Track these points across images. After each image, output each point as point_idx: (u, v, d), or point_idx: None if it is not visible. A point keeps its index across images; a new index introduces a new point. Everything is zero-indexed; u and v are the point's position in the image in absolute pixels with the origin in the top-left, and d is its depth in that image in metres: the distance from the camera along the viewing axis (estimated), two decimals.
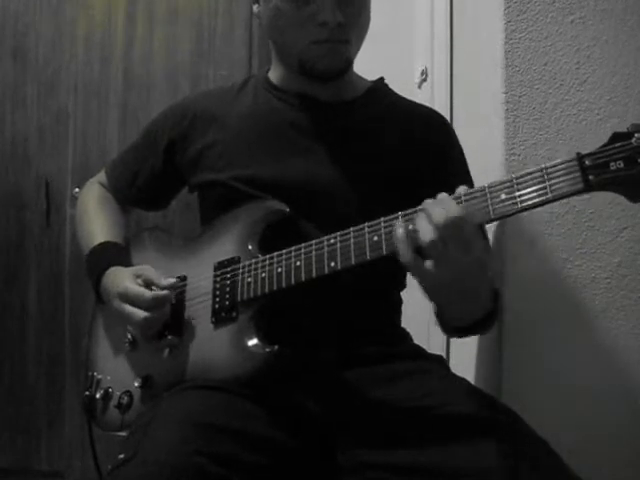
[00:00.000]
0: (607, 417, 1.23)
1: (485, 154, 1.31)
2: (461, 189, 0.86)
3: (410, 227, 0.86)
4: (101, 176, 1.35)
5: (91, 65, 2.24)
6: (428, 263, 0.84)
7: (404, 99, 1.24)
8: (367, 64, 1.26)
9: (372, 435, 0.96)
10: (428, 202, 0.86)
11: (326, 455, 0.98)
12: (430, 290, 0.90)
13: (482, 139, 1.34)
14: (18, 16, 2.29)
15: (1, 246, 2.28)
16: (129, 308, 1.06)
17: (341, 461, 0.96)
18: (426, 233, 0.84)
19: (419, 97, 1.75)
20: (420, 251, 0.85)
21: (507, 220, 1.24)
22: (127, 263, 1.17)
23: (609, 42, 1.25)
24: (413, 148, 1.14)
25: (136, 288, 1.06)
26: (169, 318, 1.07)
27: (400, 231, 0.86)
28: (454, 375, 1.09)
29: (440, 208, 0.84)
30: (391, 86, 1.25)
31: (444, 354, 1.57)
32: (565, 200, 1.23)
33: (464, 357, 1.44)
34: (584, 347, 1.25)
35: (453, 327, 1.02)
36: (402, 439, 0.93)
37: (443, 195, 0.86)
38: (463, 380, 1.07)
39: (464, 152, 1.20)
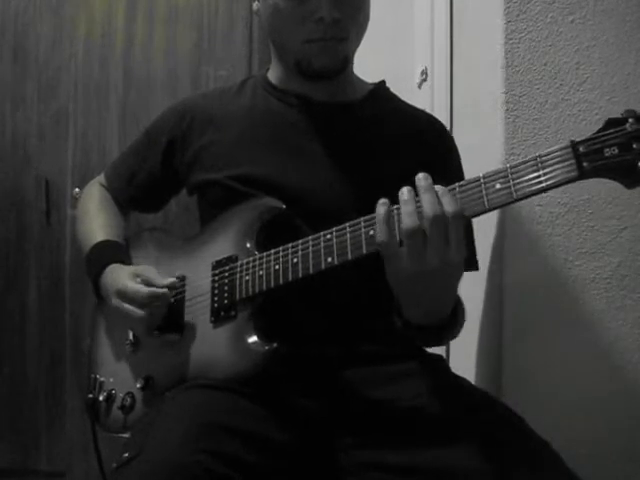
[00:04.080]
0: (607, 417, 1.23)
1: (485, 154, 1.31)
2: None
3: (394, 209, 0.85)
4: (102, 177, 1.35)
5: (91, 65, 2.24)
6: (402, 250, 0.83)
7: (405, 103, 1.24)
8: (367, 64, 1.26)
9: (373, 435, 0.97)
10: (424, 186, 0.83)
11: (327, 455, 0.98)
12: (394, 278, 0.88)
13: (482, 139, 1.34)
14: (18, 16, 2.28)
15: (1, 246, 2.28)
16: (127, 305, 1.07)
17: (342, 461, 0.96)
18: (411, 220, 0.82)
19: (419, 97, 1.75)
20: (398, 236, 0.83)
21: (507, 220, 1.25)
22: (126, 262, 1.17)
23: (609, 42, 1.25)
24: (412, 152, 1.14)
25: (134, 286, 1.07)
26: (169, 318, 1.07)
27: (382, 210, 0.85)
28: (454, 375, 1.09)
29: (433, 197, 0.82)
30: (391, 86, 1.25)
31: (444, 354, 1.57)
32: (565, 200, 1.24)
33: (464, 357, 1.44)
34: (584, 347, 1.25)
35: (406, 323, 0.97)
36: (403, 439, 0.93)
37: (440, 187, 0.84)
38: (463, 380, 1.07)
39: (464, 153, 1.21)
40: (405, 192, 0.85)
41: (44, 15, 2.27)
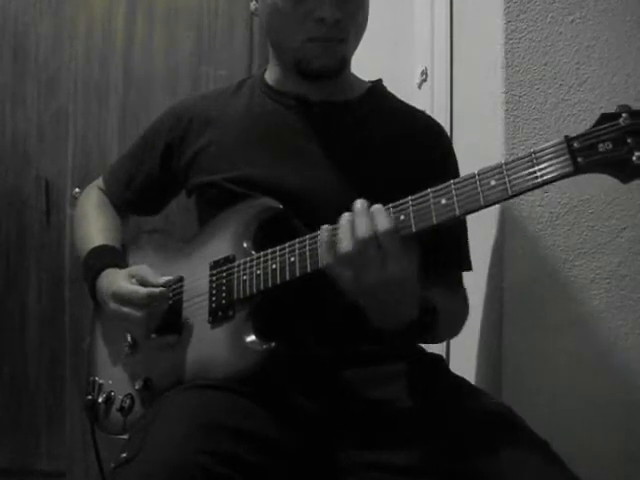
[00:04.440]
0: (607, 417, 1.23)
1: (485, 154, 1.31)
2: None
3: (336, 234, 0.88)
4: (100, 181, 1.35)
5: (91, 65, 2.24)
6: (343, 269, 0.87)
7: (402, 102, 1.24)
8: (367, 64, 1.26)
9: (372, 435, 0.97)
10: (358, 210, 0.87)
11: (327, 455, 0.98)
12: (346, 292, 0.90)
13: (482, 139, 1.34)
14: (18, 16, 2.28)
15: (1, 246, 2.28)
16: (124, 307, 1.06)
17: (342, 461, 0.96)
18: (345, 244, 0.86)
19: (419, 97, 1.75)
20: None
21: (507, 220, 1.24)
22: (123, 266, 1.17)
23: (609, 42, 1.25)
24: (408, 151, 1.14)
25: (130, 286, 1.07)
26: (167, 319, 1.07)
27: (324, 235, 0.89)
28: (454, 375, 1.09)
29: (366, 220, 0.85)
30: (391, 86, 1.25)
31: (444, 354, 1.57)
32: (565, 200, 1.24)
33: (464, 357, 1.44)
34: (584, 347, 1.25)
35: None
36: (402, 439, 0.93)
37: (377, 206, 0.87)
38: (463, 380, 1.07)
39: (464, 153, 1.21)
40: (343, 217, 0.89)
41: (44, 15, 2.27)
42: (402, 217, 0.87)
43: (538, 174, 0.79)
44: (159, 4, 2.21)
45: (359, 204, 0.88)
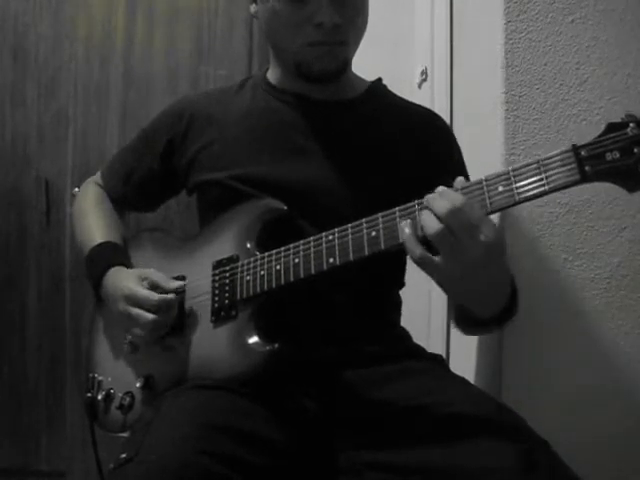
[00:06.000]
0: (607, 417, 1.23)
1: (485, 154, 1.31)
2: (458, 181, 0.85)
3: (415, 224, 0.84)
4: (97, 177, 1.35)
5: (91, 65, 2.24)
6: (438, 258, 0.82)
7: (402, 100, 1.24)
8: (367, 64, 1.26)
9: (372, 435, 0.97)
10: (429, 197, 0.84)
11: (326, 455, 0.98)
12: (445, 284, 0.87)
13: (482, 139, 1.34)
14: (18, 16, 2.28)
15: (1, 246, 2.28)
16: (136, 311, 1.06)
17: (341, 461, 0.96)
18: (432, 226, 0.81)
19: (419, 97, 1.75)
20: (429, 246, 0.83)
21: (507, 220, 1.25)
22: (127, 264, 1.17)
23: (609, 42, 1.25)
24: (412, 148, 1.14)
25: (143, 291, 1.06)
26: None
27: (406, 230, 0.85)
28: (454, 375, 1.09)
29: (442, 200, 0.82)
30: (391, 86, 1.25)
31: (444, 354, 1.57)
32: (565, 200, 1.24)
33: (464, 357, 1.44)
34: (584, 347, 1.25)
35: (472, 321, 0.97)
36: (402, 439, 0.93)
37: (442, 188, 0.84)
38: (463, 380, 1.07)
39: (464, 153, 1.21)
40: (422, 210, 0.85)
41: (44, 15, 2.27)
42: (415, 223, 0.86)
43: (545, 181, 0.79)
44: (159, 4, 2.21)
45: (429, 195, 0.85)
